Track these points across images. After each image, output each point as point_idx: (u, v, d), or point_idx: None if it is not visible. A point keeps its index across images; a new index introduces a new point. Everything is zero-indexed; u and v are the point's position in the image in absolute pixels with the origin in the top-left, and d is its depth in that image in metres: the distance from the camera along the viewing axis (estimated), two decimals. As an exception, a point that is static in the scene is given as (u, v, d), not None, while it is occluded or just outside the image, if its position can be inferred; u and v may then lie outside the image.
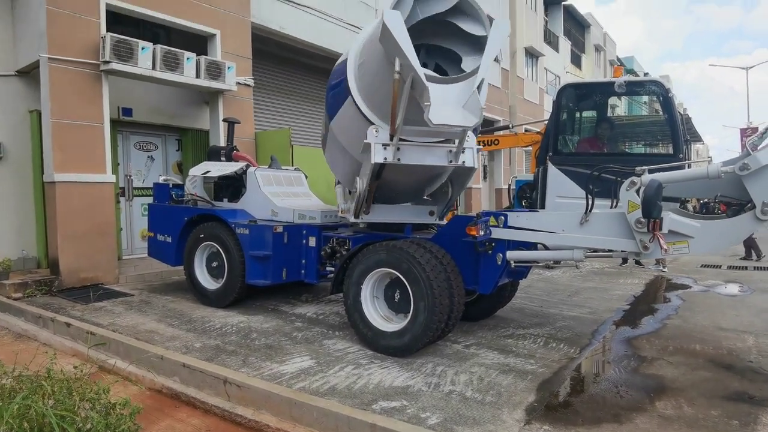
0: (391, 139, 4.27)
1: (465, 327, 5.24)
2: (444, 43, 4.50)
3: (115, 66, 7.14)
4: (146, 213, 7.41)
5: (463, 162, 4.69)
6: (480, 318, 5.53)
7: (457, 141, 4.57)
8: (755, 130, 30.52)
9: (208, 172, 6.57)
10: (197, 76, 8.20)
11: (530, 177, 6.77)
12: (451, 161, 4.66)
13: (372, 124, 4.37)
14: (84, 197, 7.09)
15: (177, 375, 4.07)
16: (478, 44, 4.21)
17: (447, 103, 3.88)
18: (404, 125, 4.17)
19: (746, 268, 9.49)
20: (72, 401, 2.55)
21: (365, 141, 4.30)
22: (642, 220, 3.87)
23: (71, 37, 6.95)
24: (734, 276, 8.71)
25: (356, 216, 4.98)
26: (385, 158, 4.28)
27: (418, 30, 4.11)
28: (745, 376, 4.04)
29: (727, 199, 4.31)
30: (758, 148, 3.82)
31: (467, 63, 4.32)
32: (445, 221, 5.38)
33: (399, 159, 4.35)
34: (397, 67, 3.80)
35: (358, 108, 4.46)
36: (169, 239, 6.67)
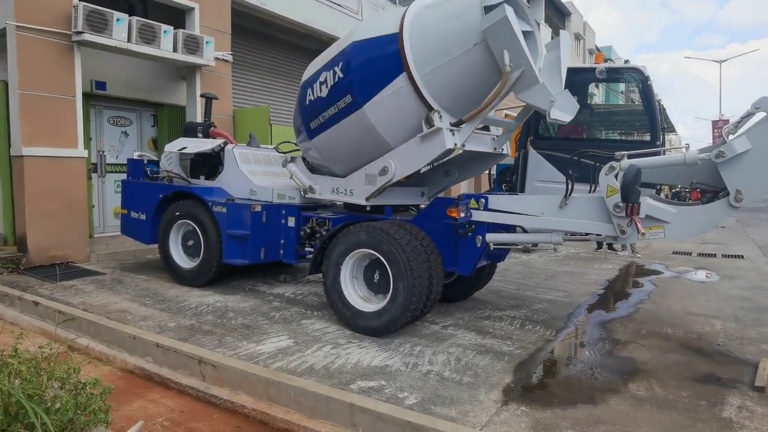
0: (458, 126, 4.33)
1: (443, 308, 5.26)
2: None
3: (88, 37, 6.86)
4: (119, 190, 7.20)
5: (502, 150, 5.15)
6: (458, 299, 5.56)
7: (502, 130, 5.11)
8: (727, 122, 31.23)
9: (184, 148, 6.40)
10: (174, 50, 7.95)
11: (510, 161, 6.78)
12: (495, 148, 5.08)
13: (431, 109, 4.28)
14: (54, 173, 6.84)
15: (150, 355, 3.99)
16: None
17: None
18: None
19: (715, 255, 9.75)
20: (40, 380, 2.46)
21: (435, 126, 4.21)
22: (620, 204, 3.91)
23: (41, 5, 6.62)
24: (704, 263, 8.94)
25: (368, 199, 4.89)
26: (455, 144, 4.31)
27: None
28: (713, 358, 4.15)
29: (702, 186, 4.39)
30: (733, 136, 3.89)
31: None
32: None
33: (464, 145, 4.43)
34: (507, 60, 3.88)
35: (419, 93, 4.28)
36: (143, 217, 6.50)
